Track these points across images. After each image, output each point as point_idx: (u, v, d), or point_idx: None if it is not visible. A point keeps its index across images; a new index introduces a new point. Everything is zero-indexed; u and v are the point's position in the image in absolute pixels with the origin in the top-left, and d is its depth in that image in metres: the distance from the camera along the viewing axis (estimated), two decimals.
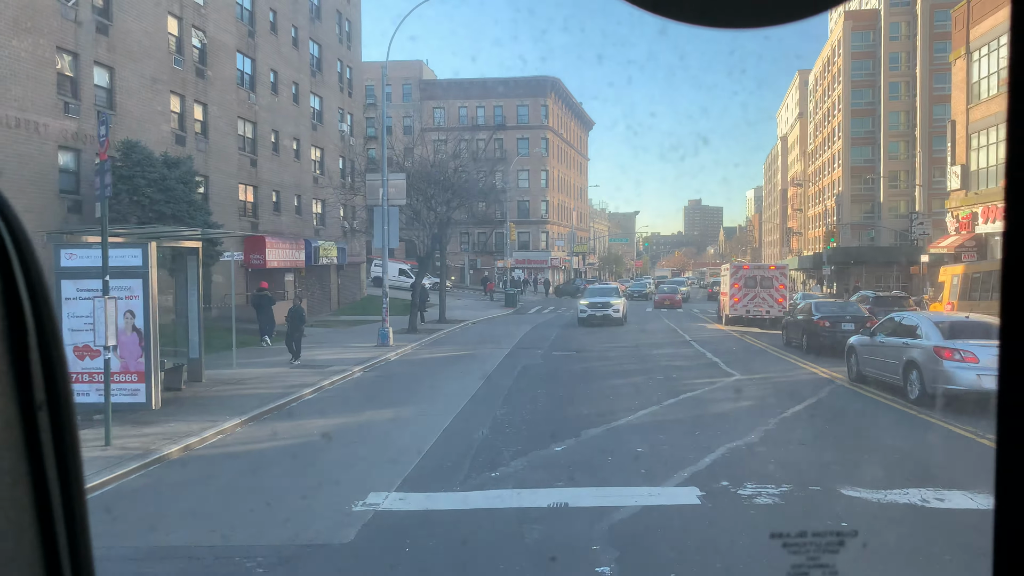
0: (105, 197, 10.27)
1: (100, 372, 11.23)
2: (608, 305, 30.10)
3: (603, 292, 32.63)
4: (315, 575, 5.89)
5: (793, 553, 4.19)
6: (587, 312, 30.26)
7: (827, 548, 4.20)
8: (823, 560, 3.86)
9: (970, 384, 11.41)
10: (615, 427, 11.07)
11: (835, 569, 3.73)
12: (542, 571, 5.79)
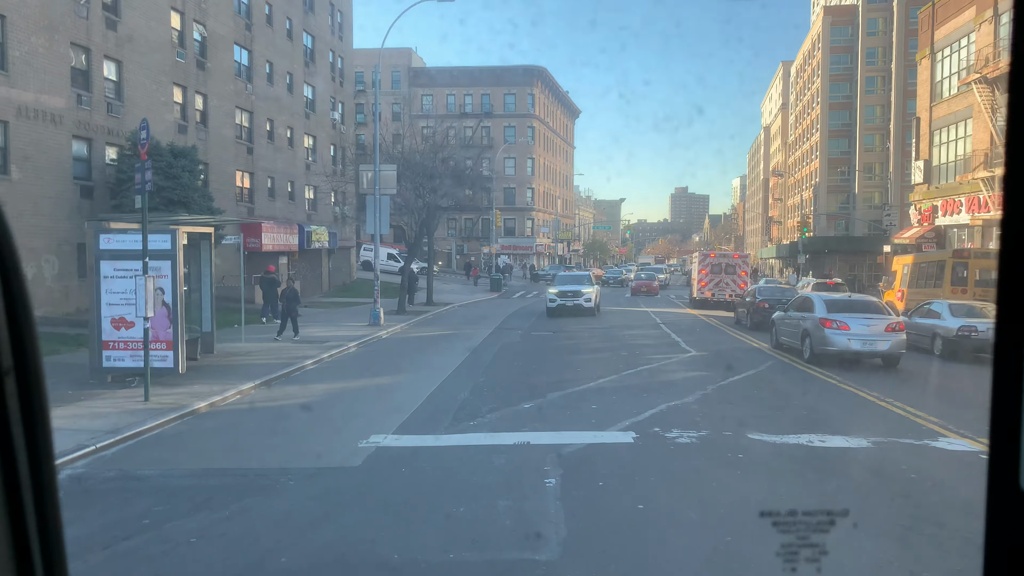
0: (145, 191, 12.01)
1: (134, 340, 13.11)
2: (579, 294, 28.34)
3: (574, 280, 30.61)
4: (333, 486, 7.82)
5: (783, 532, 4.18)
6: (556, 301, 28.45)
7: (818, 528, 4.21)
8: (813, 540, 3.80)
9: (843, 346, 15.44)
10: (577, 391, 13.07)
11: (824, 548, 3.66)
12: (504, 483, 7.76)
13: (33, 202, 21.35)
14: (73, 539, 6.16)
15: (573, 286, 29.15)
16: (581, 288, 28.83)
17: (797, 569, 3.57)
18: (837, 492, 7.52)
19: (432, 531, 6.41)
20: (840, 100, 68.58)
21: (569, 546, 5.89)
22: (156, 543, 6.16)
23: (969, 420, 10.34)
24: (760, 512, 5.75)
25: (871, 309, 16.38)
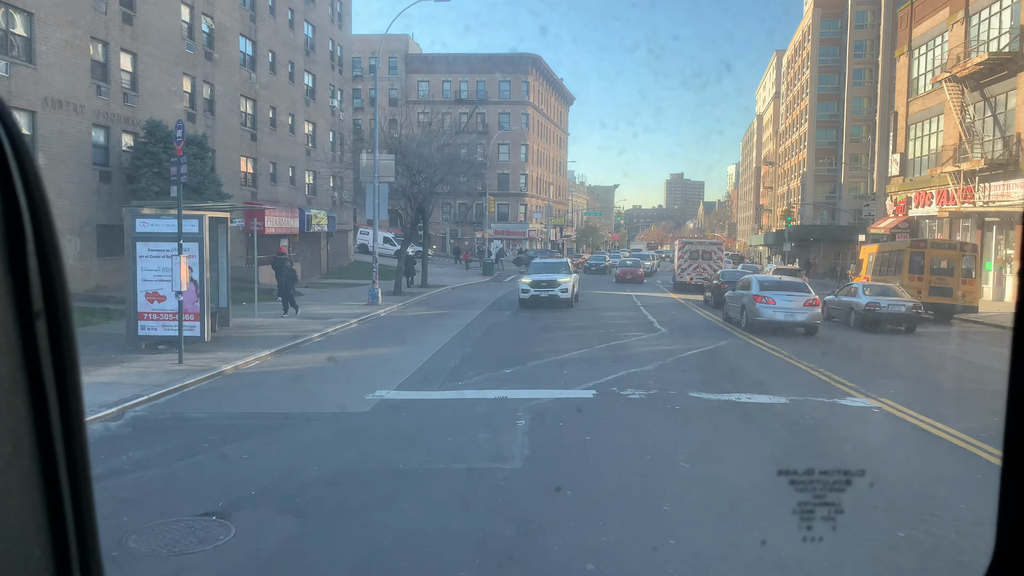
0: (180, 183, 13.93)
1: (165, 312, 15.09)
2: (554, 284, 26.07)
3: (549, 268, 28.15)
4: (348, 424, 9.83)
5: (800, 491, 4.36)
6: (529, 292, 26.13)
7: (834, 487, 4.34)
8: (829, 498, 3.93)
9: (769, 317, 19.26)
10: (553, 360, 15.11)
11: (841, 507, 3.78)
12: (484, 423, 9.78)
13: (58, 186, 23.21)
14: (155, 455, 8.30)
15: (548, 275, 26.65)
16: (557, 277, 26.40)
17: (697, 476, 5.60)
18: (747, 433, 9.58)
19: (427, 452, 8.45)
20: (828, 91, 70.42)
21: (529, 460, 7.94)
22: (218, 458, 8.18)
23: (874, 382, 12.43)
24: (682, 445, 7.80)
25: (795, 288, 20.18)
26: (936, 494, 7.15)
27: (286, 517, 6.27)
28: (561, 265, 28.64)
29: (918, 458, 8.58)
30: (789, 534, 5.42)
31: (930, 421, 9.89)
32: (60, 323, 1.00)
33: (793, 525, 4.69)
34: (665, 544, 5.80)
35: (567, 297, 26.22)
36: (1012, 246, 31.87)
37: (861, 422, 10.13)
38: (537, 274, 27.18)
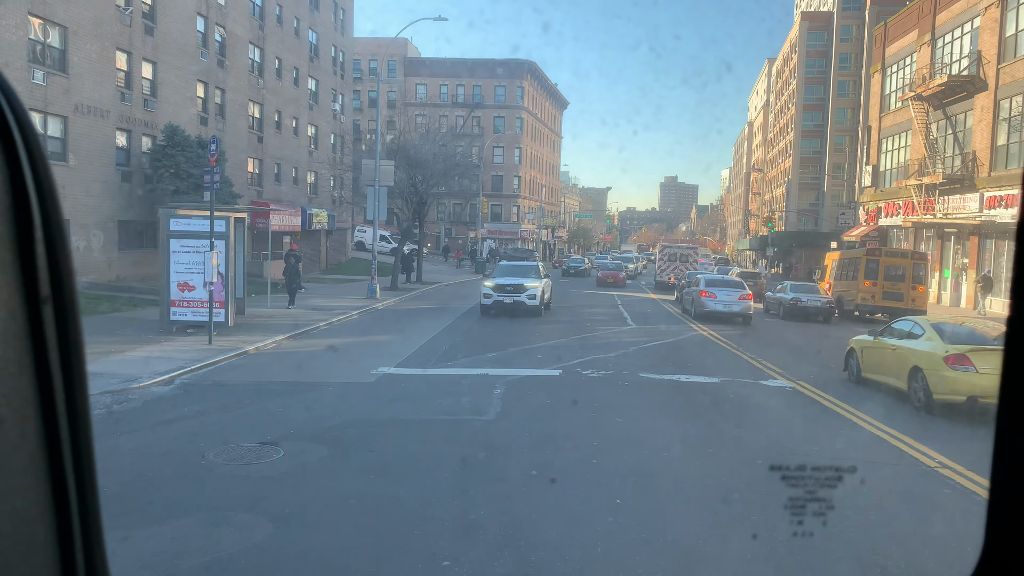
0: (213, 189, 16.31)
1: (195, 301, 17.47)
2: (520, 289, 23.48)
3: (517, 271, 25.43)
4: (357, 390, 12.23)
5: (792, 486, 4.48)
6: (492, 297, 23.60)
7: (825, 483, 4.50)
8: (820, 494, 4.01)
9: (711, 308, 24.40)
10: (531, 347, 17.55)
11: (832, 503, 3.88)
12: (467, 391, 12.20)
13: (85, 185, 25.55)
14: (208, 408, 10.71)
15: (514, 279, 24.06)
16: (524, 281, 23.81)
17: (624, 427, 8.08)
18: (674, 401, 12.04)
19: (422, 408, 10.89)
20: (814, 102, 73.08)
21: (500, 415, 10.38)
22: (259, 410, 10.60)
23: (793, 367, 14.92)
24: (620, 409, 10.23)
25: (734, 285, 25.28)
26: (815, 440, 9.63)
27: (318, 445, 8.69)
28: (531, 269, 25.87)
29: (843, 437, 11.04)
30: (681, 454, 7.88)
31: (834, 400, 12.35)
32: (66, 308, 1.02)
33: (681, 449, 7.13)
34: (588, 463, 8.26)
35: (534, 304, 23.62)
36: (968, 255, 34.45)
37: (783, 400, 12.59)
38: (502, 277, 24.49)
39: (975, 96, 33.56)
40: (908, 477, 8.11)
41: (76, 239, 25.26)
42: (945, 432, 10.31)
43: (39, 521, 1.01)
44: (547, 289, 26.09)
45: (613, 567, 5.52)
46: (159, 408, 10.70)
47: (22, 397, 0.97)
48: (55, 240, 1.01)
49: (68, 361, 1.03)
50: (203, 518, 6.42)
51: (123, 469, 7.69)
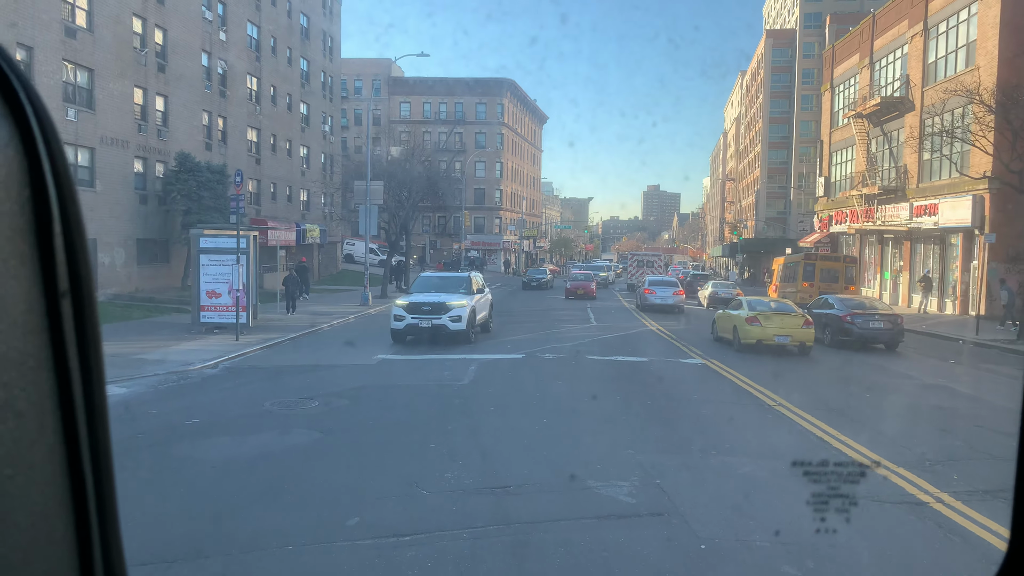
0: (240, 214, 19.99)
1: (221, 306, 21.13)
2: (442, 308, 19.44)
3: (440, 285, 21.54)
4: (363, 369, 15.94)
5: (814, 482, 4.79)
6: (404, 320, 19.62)
7: (847, 479, 4.83)
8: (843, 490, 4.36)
9: (652, 301, 31.24)
10: (502, 340, 21.30)
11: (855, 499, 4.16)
12: (448, 369, 15.93)
13: (109, 208, 29.15)
14: (253, 380, 14.44)
15: (435, 296, 20.11)
16: (447, 299, 19.81)
17: (563, 387, 11.94)
18: (606, 373, 15.85)
19: (414, 378, 14.67)
20: (780, 115, 77.61)
21: (472, 381, 14.16)
22: (291, 381, 14.32)
23: (707, 349, 18.80)
24: (564, 378, 14.04)
25: (670, 284, 31.65)
26: (727, 409, 13.48)
27: (341, 399, 12.40)
28: (459, 282, 21.67)
29: (729, 403, 14.89)
30: (593, 400, 11.72)
31: (734, 372, 16.19)
32: (84, 303, 1.03)
33: (594, 397, 10.93)
34: (530, 404, 12.06)
35: (459, 328, 19.44)
36: (903, 259, 38.59)
37: (689, 372, 16.43)
38: (421, 294, 20.51)
39: (905, 115, 37.80)
40: (689, 368, 11.96)
41: (102, 256, 28.85)
42: (735, 359, 14.20)
43: (57, 515, 1.02)
44: (482, 307, 21.93)
45: (538, 448, 9.30)
46: (214, 382, 14.39)
47: (41, 391, 0.98)
48: (73, 234, 1.02)
49: (86, 355, 1.04)
50: (275, 433, 10.15)
51: (204, 414, 11.41)
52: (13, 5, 24.39)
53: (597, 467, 8.33)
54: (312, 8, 48.74)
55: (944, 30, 35.00)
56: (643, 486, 7.69)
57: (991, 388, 15.59)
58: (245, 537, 6.32)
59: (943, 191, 33.29)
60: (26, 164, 0.97)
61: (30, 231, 0.97)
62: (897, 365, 17.98)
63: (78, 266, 1.02)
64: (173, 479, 8.04)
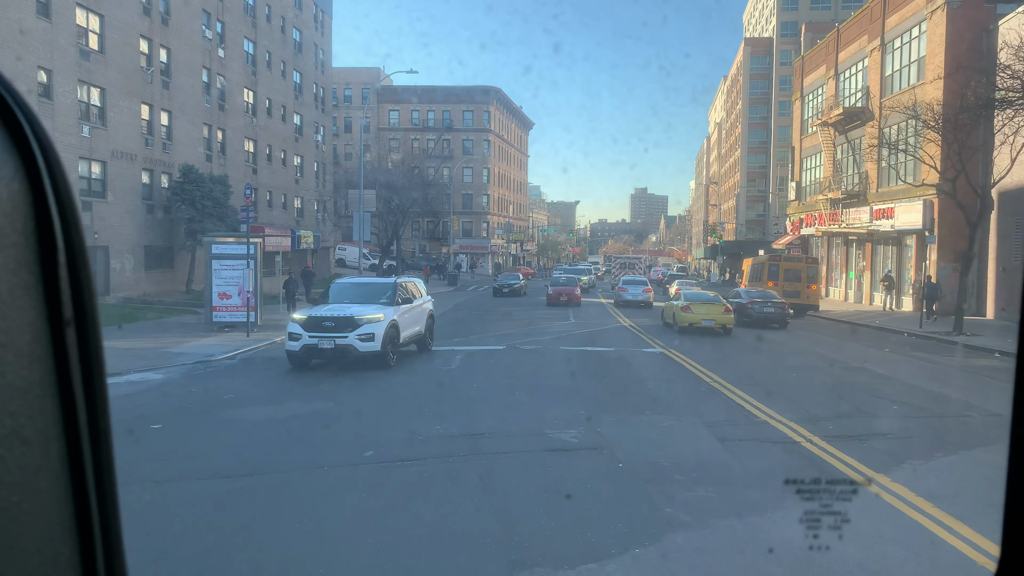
0: (249, 223, 22.36)
1: (231, 306, 23.49)
2: (349, 324, 15.76)
3: (354, 293, 17.73)
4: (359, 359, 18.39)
5: (807, 500, 4.89)
6: (301, 339, 15.80)
7: (840, 496, 4.92)
8: (835, 508, 4.42)
9: (626, 298, 36.57)
10: (487, 334, 23.78)
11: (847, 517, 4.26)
12: (439, 359, 18.39)
13: (120, 217, 31.45)
14: (269, 367, 16.91)
15: (342, 310, 16.24)
16: (360, 313, 16.04)
17: (535, 373, 14.48)
18: (575, 360, 18.35)
19: (405, 364, 17.11)
20: (758, 120, 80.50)
21: (458, 367, 16.63)
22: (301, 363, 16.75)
23: (668, 340, 21.35)
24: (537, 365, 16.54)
25: (641, 283, 35.48)
26: (672, 386, 16.01)
27: (348, 380, 14.83)
28: (380, 290, 17.78)
29: (677, 381, 17.42)
30: (560, 380, 14.23)
31: (693, 363, 18.71)
32: (88, 331, 1.04)
33: (561, 378, 13.43)
34: (507, 384, 14.55)
35: (370, 349, 15.77)
36: (865, 259, 41.33)
37: (647, 359, 18.95)
38: (328, 307, 16.78)
39: (866, 124, 40.54)
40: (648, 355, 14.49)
41: (113, 262, 31.15)
42: (687, 344, 16.76)
43: (63, 541, 1.03)
44: (413, 321, 18.26)
45: (509, 412, 11.77)
46: (236, 369, 16.79)
47: (46, 418, 0.99)
48: (78, 264, 1.03)
49: (90, 382, 1.05)
50: (299, 403, 12.58)
51: (236, 391, 13.82)
52: (36, 34, 26.71)
53: (554, 422, 10.83)
54: (304, 23, 51.17)
55: (899, 45, 37.79)
56: (586, 433, 10.20)
57: (893, 366, 18.17)
58: (289, 464, 8.79)
59: (898, 196, 36.02)
60: (31, 196, 0.99)
61: (35, 262, 0.99)
62: (800, 343, 20.59)
63: (82, 294, 1.04)
64: (226, 431, 10.49)
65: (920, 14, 35.34)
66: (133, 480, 7.70)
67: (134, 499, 7.19)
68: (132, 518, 7.51)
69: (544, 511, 7.08)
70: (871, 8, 40.96)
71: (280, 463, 8.82)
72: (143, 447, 9.38)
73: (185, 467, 8.73)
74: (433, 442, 9.67)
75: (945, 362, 19.56)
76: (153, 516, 6.90)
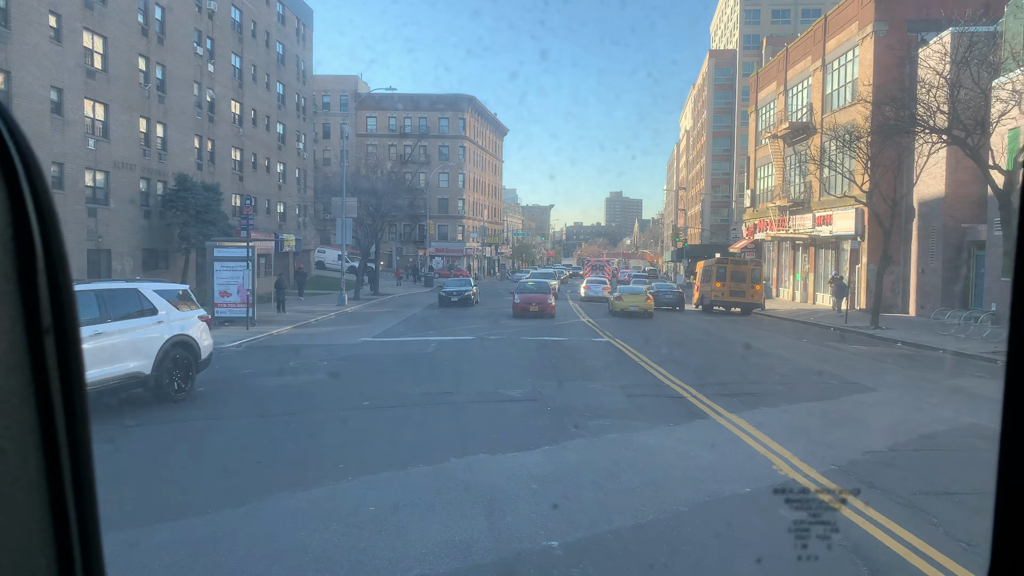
0: (248, 229, 25.57)
1: (230, 303, 26.70)
2: None
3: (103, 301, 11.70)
4: (353, 347, 21.68)
5: (795, 509, 4.97)
6: None
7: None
8: (825, 517, 4.44)
9: (587, 294, 44.52)
10: (458, 328, 27.20)
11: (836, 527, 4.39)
12: (414, 346, 21.77)
13: (120, 222, 34.45)
14: (272, 354, 20.32)
15: None
16: None
17: (497, 357, 17.99)
18: (531, 348, 21.84)
19: (391, 350, 20.53)
20: (722, 129, 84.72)
21: (434, 351, 20.08)
22: (301, 353, 20.08)
23: (615, 332, 24.95)
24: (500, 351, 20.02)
25: (601, 282, 41.13)
26: (608, 365, 19.55)
27: (340, 361, 18.17)
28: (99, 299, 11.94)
29: (611, 361, 20.96)
30: (518, 360, 17.73)
31: (631, 349, 22.25)
32: (68, 339, 1.04)
33: (519, 359, 16.89)
34: (474, 363, 18.00)
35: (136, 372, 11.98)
36: (809, 263, 45.30)
37: (596, 348, 22.47)
38: None
39: (810, 138, 44.53)
40: (588, 334, 18.03)
41: (115, 264, 34.12)
42: (624, 332, 20.35)
43: (41, 552, 1.02)
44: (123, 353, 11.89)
45: (474, 380, 15.21)
46: (245, 354, 20.06)
47: (24, 428, 0.99)
48: (57, 271, 1.02)
49: (69, 391, 1.05)
50: (305, 375, 15.93)
51: (252, 369, 17.12)
52: (50, 56, 29.71)
53: (506, 386, 14.32)
54: (286, 36, 54.28)
55: (837, 67, 41.83)
56: (529, 392, 13.69)
57: (800, 351, 21.84)
58: (313, 408, 12.18)
59: (836, 205, 39.97)
60: (8, 201, 0.98)
61: (13, 268, 0.98)
62: (732, 334, 24.29)
63: (62, 302, 1.03)
64: (257, 392, 13.84)
65: (853, 40, 39.37)
66: (204, 419, 11.04)
67: (215, 430, 10.56)
68: (226, 437, 10.96)
69: (489, 430, 10.57)
70: (814, 31, 45.02)
71: (306, 408, 12.27)
72: (199, 401, 12.72)
73: (239, 412, 12.09)
74: (414, 397, 13.13)
75: (847, 350, 23.29)
76: (236, 436, 10.28)
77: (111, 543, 6.08)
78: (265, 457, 9.33)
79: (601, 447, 9.70)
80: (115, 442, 9.85)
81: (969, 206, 32.99)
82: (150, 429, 10.93)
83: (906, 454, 9.76)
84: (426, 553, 6.02)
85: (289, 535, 6.44)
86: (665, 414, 11.93)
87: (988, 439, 10.70)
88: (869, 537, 6.56)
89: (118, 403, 12.02)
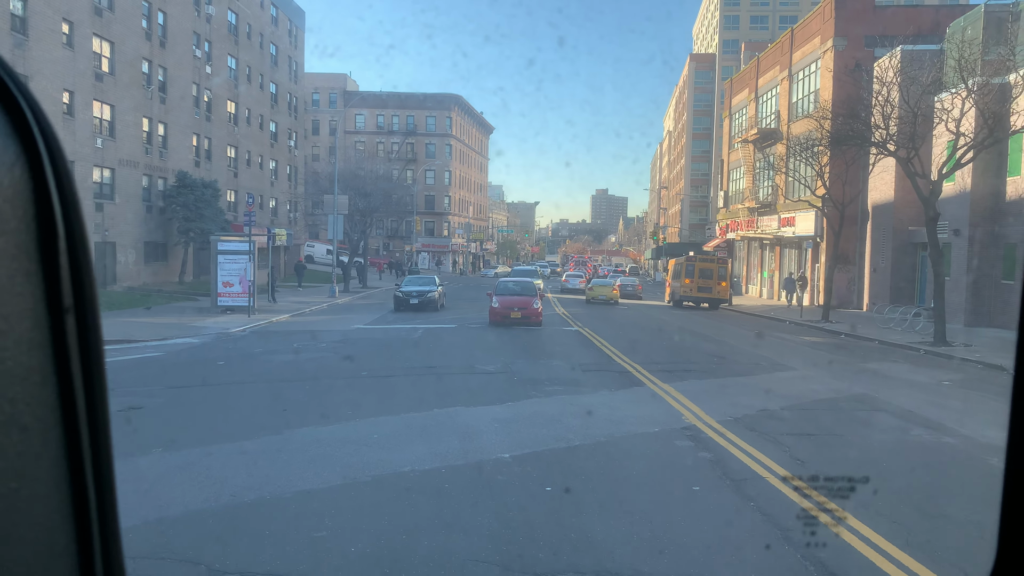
0: (251, 224, 28.06)
1: (233, 293, 29.22)
2: None
3: None
4: (347, 333, 24.30)
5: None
6: None
7: (838, 493, 5.19)
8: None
9: (566, 286, 51.54)
10: (443, 316, 29.84)
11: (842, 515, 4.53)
12: (403, 333, 24.42)
13: (125, 217, 36.81)
14: (275, 338, 23.00)
15: None
16: None
17: (479, 342, 20.71)
18: (510, 335, 24.55)
19: (383, 334, 23.17)
20: (702, 131, 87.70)
21: (421, 337, 22.75)
22: (301, 338, 22.69)
23: (586, 322, 27.72)
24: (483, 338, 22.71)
25: (579, 276, 47.33)
26: (575, 352, 22.30)
27: (339, 343, 20.79)
28: None
29: (575, 346, 23.68)
30: (496, 344, 20.45)
31: (597, 336, 24.96)
32: (88, 318, 1.06)
33: (496, 343, 19.59)
34: (457, 346, 20.70)
35: None
36: (775, 261, 48.25)
37: (565, 335, 25.18)
38: None
39: (777, 144, 47.45)
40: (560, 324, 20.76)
41: (120, 256, 36.51)
42: (593, 319, 23.11)
43: (60, 529, 1.05)
44: None
45: (454, 358, 17.89)
46: (251, 338, 22.61)
47: (45, 405, 1.01)
48: (78, 251, 1.05)
49: (89, 369, 1.07)
50: (309, 353, 18.54)
51: (261, 349, 19.70)
52: (63, 62, 32.04)
53: (483, 363, 17.02)
54: (279, 38, 56.62)
55: (801, 78, 44.76)
56: (502, 367, 16.40)
57: (745, 340, 24.64)
58: (319, 377, 14.84)
59: (798, 207, 42.89)
60: (31, 183, 1.00)
61: (35, 249, 1.00)
62: (692, 324, 27.11)
63: (82, 282, 1.05)
64: (269, 365, 16.46)
65: (816, 53, 42.29)
66: (230, 383, 13.65)
67: (243, 392, 13.21)
68: (253, 396, 13.88)
69: (464, 392, 13.29)
70: (783, 42, 47.93)
71: (315, 377, 14.94)
72: (225, 371, 15.34)
73: (258, 378, 14.72)
74: (403, 369, 15.82)
75: (791, 340, 26.14)
76: (260, 396, 12.93)
77: (193, 456, 8.86)
78: (289, 407, 11.99)
79: (551, 403, 12.43)
80: (158, 397, 12.47)
81: (916, 210, 35.91)
82: (189, 392, 13.56)
83: (792, 411, 12.53)
84: (416, 459, 8.72)
85: (317, 450, 9.12)
86: (609, 383, 14.67)
87: (865, 403, 13.53)
88: (731, 455, 9.31)
89: None
